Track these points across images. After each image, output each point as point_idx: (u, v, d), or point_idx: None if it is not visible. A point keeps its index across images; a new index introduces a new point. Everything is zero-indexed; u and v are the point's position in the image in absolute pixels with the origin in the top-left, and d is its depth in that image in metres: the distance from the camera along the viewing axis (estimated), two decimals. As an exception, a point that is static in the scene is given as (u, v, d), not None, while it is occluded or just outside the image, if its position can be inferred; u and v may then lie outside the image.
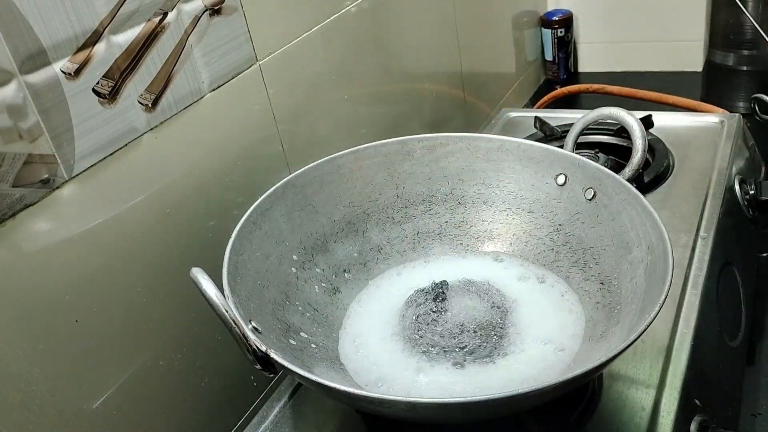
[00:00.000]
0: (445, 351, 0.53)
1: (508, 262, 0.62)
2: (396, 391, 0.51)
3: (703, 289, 0.62)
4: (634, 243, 0.53)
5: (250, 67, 0.63)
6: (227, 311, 0.43)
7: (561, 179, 0.61)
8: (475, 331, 0.54)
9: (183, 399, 0.59)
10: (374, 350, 0.55)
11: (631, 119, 0.58)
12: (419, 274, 0.63)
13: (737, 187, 0.78)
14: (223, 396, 0.63)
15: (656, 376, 0.54)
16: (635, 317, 0.48)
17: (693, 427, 0.51)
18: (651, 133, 0.85)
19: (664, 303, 0.43)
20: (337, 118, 0.77)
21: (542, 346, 0.53)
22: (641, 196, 0.53)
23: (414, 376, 0.52)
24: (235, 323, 0.42)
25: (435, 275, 0.61)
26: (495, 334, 0.54)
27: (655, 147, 0.82)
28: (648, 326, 0.42)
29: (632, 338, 0.41)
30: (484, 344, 0.53)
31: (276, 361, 0.43)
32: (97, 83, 0.50)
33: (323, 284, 0.59)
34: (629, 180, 0.57)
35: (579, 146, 0.80)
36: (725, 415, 0.59)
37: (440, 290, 0.57)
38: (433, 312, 0.56)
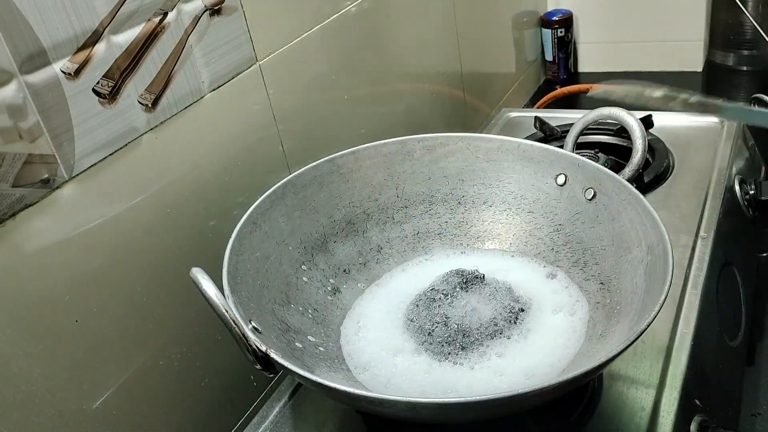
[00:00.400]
0: (441, 343, 0.53)
1: (520, 259, 0.62)
2: (379, 374, 0.51)
3: (703, 289, 0.62)
4: (634, 243, 0.53)
5: (250, 67, 0.63)
6: (227, 311, 0.43)
7: (561, 179, 0.61)
8: (479, 329, 0.54)
9: (183, 399, 0.59)
10: (372, 333, 0.56)
11: (631, 119, 0.58)
12: (422, 272, 0.63)
13: (737, 187, 0.78)
14: (223, 396, 0.63)
15: (656, 376, 0.54)
16: (635, 317, 0.48)
17: (693, 427, 0.51)
18: (651, 133, 0.85)
19: (664, 303, 0.43)
20: (337, 118, 0.77)
21: (539, 349, 0.53)
22: (641, 196, 0.53)
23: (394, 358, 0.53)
24: (235, 323, 0.42)
25: (438, 272, 0.60)
26: (499, 333, 0.54)
27: (655, 147, 0.82)
28: (648, 326, 0.42)
29: (632, 338, 0.41)
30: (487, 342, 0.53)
31: (276, 361, 0.43)
32: (97, 83, 0.50)
33: (323, 284, 0.59)
34: (629, 180, 0.57)
35: (579, 146, 0.80)
36: (725, 415, 0.59)
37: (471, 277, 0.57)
38: (445, 299, 0.56)
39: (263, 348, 0.43)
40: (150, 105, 0.54)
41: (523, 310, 0.56)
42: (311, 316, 0.57)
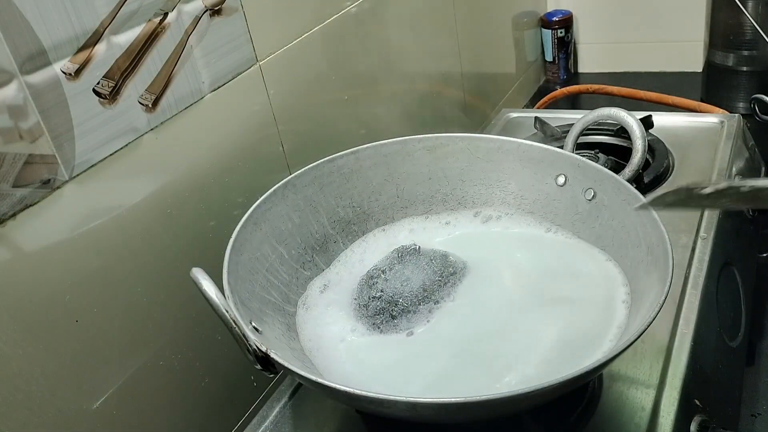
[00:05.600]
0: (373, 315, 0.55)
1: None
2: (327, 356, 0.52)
3: (703, 289, 0.62)
4: (633, 244, 0.53)
5: (251, 67, 0.63)
6: (227, 311, 0.43)
7: (561, 180, 0.61)
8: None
9: (183, 399, 0.59)
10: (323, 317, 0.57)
11: (631, 120, 0.58)
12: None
13: (737, 188, 0.78)
14: (223, 396, 0.63)
15: (656, 376, 0.54)
16: (635, 318, 0.48)
17: (693, 427, 0.51)
18: (651, 134, 0.85)
19: (663, 303, 0.43)
20: (337, 119, 0.77)
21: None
22: (642, 197, 0.53)
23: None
24: (236, 323, 0.42)
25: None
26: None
27: (654, 147, 0.82)
28: (648, 326, 0.42)
29: (632, 338, 0.41)
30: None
31: (276, 362, 0.43)
32: (98, 83, 0.50)
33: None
34: (629, 180, 0.57)
35: (579, 146, 0.80)
36: (725, 415, 0.59)
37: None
38: (383, 274, 0.58)
39: (263, 348, 0.43)
40: (150, 105, 0.54)
41: (453, 273, 0.57)
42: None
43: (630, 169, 0.57)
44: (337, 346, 0.54)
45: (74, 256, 0.49)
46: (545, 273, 0.58)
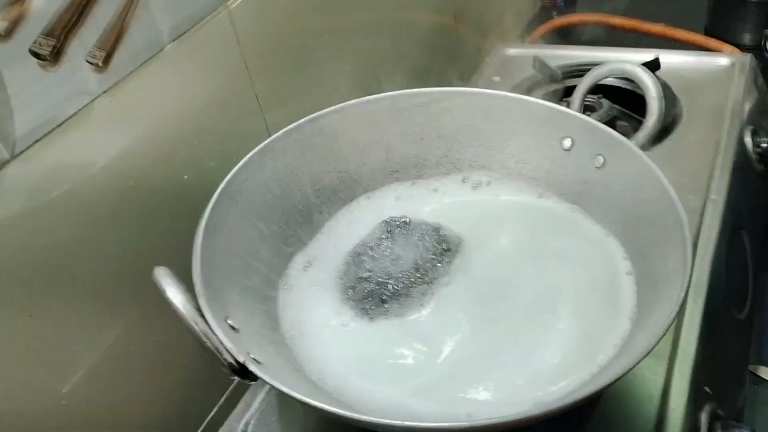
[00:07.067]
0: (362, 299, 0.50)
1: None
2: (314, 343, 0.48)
3: (713, 260, 0.58)
4: (646, 221, 0.48)
5: (218, 11, 0.55)
6: (196, 324, 0.37)
7: (567, 143, 0.55)
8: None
9: (159, 385, 0.55)
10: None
11: (647, 77, 0.52)
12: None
13: (749, 140, 0.73)
14: (203, 379, 0.59)
15: (664, 361, 0.50)
16: (646, 309, 0.44)
17: (703, 417, 0.48)
18: (657, 77, 0.79)
19: (684, 300, 0.39)
20: (317, 64, 0.69)
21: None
22: (659, 171, 0.47)
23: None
24: (207, 337, 0.37)
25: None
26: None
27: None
28: (666, 332, 0.38)
29: (650, 346, 0.37)
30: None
31: (255, 374, 0.38)
32: (35, 43, 0.42)
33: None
34: (642, 146, 0.52)
35: (580, 90, 0.73)
36: (732, 400, 0.56)
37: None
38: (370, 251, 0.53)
39: (240, 359, 0.38)
40: (101, 63, 0.47)
41: (448, 250, 0.52)
42: (294, 297, 0.52)
43: (644, 133, 0.52)
44: (321, 332, 0.49)
45: (23, 241, 0.43)
46: (545, 250, 0.53)
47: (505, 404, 0.43)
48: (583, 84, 0.58)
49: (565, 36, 1.16)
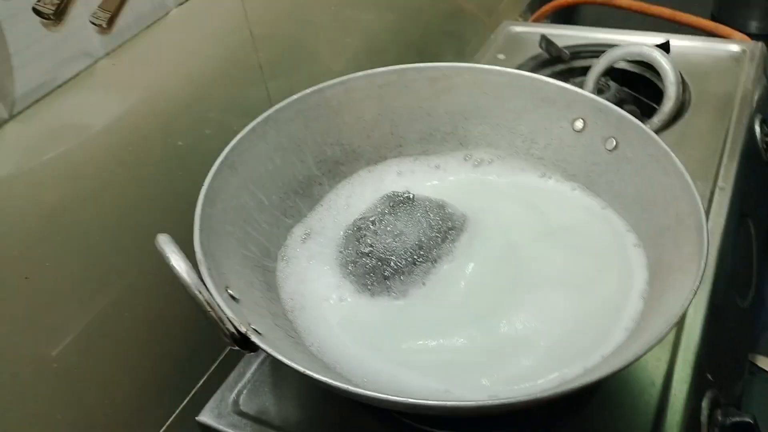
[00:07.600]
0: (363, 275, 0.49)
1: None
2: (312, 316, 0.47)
3: (720, 248, 0.57)
4: (659, 207, 0.48)
5: (225, -25, 0.54)
6: (200, 292, 0.36)
7: (579, 124, 0.54)
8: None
9: (149, 349, 0.54)
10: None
11: (665, 62, 0.51)
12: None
13: (757, 128, 0.72)
14: (193, 347, 0.58)
15: (668, 347, 0.50)
16: (658, 292, 0.44)
17: (705, 404, 0.48)
18: (667, 62, 0.77)
19: (697, 290, 0.38)
20: (323, 32, 0.68)
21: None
22: (673, 156, 0.47)
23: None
24: (210, 306, 0.36)
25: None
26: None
27: (671, 78, 0.75)
28: (677, 322, 0.37)
29: (661, 334, 0.36)
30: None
31: (256, 344, 0.37)
32: (39, 1, 0.41)
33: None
34: (658, 131, 0.51)
35: (585, 71, 0.72)
36: (733, 388, 0.56)
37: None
38: (372, 226, 0.52)
39: (243, 329, 0.37)
40: (105, 25, 0.45)
41: (452, 228, 0.51)
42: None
43: (659, 118, 0.51)
44: (321, 305, 0.49)
45: (18, 201, 0.42)
46: (549, 228, 0.52)
47: (506, 384, 0.42)
48: (599, 65, 0.57)
49: (569, 16, 1.14)
